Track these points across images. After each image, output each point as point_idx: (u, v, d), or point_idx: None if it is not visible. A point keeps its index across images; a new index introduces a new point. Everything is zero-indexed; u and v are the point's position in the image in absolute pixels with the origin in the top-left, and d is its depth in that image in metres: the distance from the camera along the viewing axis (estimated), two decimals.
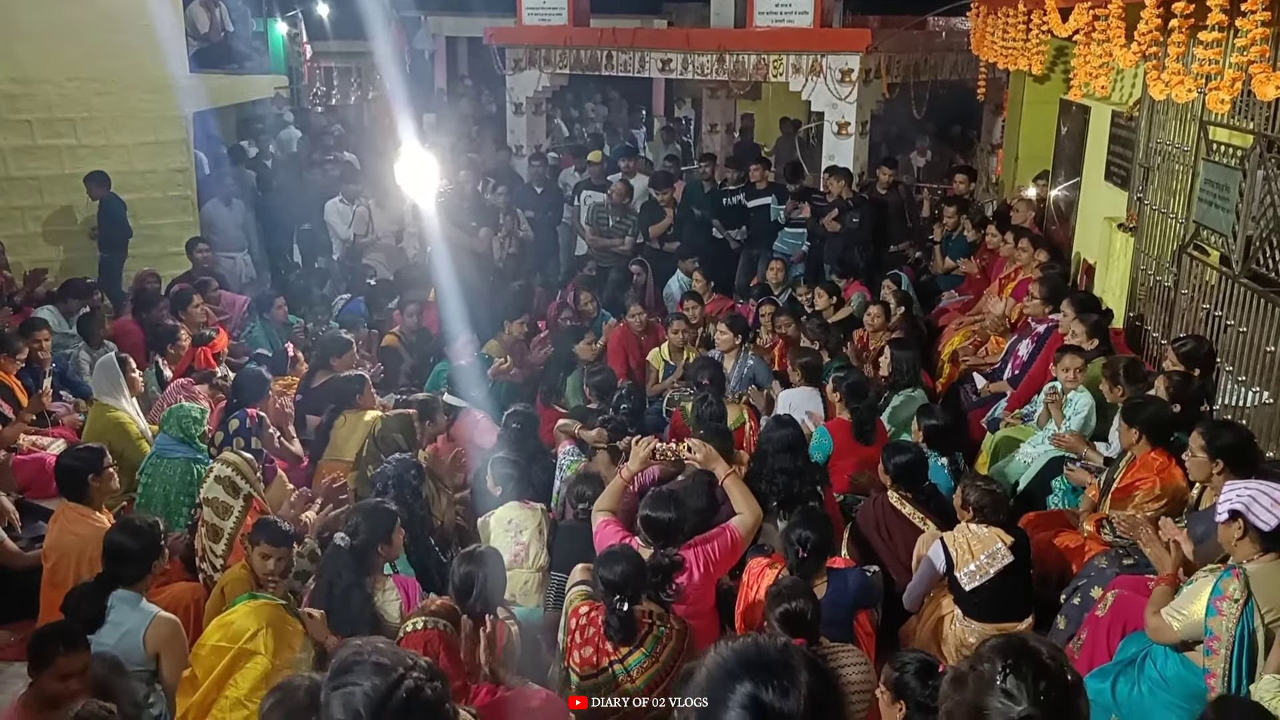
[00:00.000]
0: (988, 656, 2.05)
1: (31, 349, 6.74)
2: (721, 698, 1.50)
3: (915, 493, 4.94)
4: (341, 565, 4.06)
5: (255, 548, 4.14)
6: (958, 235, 9.34)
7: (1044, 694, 1.93)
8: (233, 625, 3.68)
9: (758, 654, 1.54)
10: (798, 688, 1.48)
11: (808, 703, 1.47)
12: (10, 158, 8.91)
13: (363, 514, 4.21)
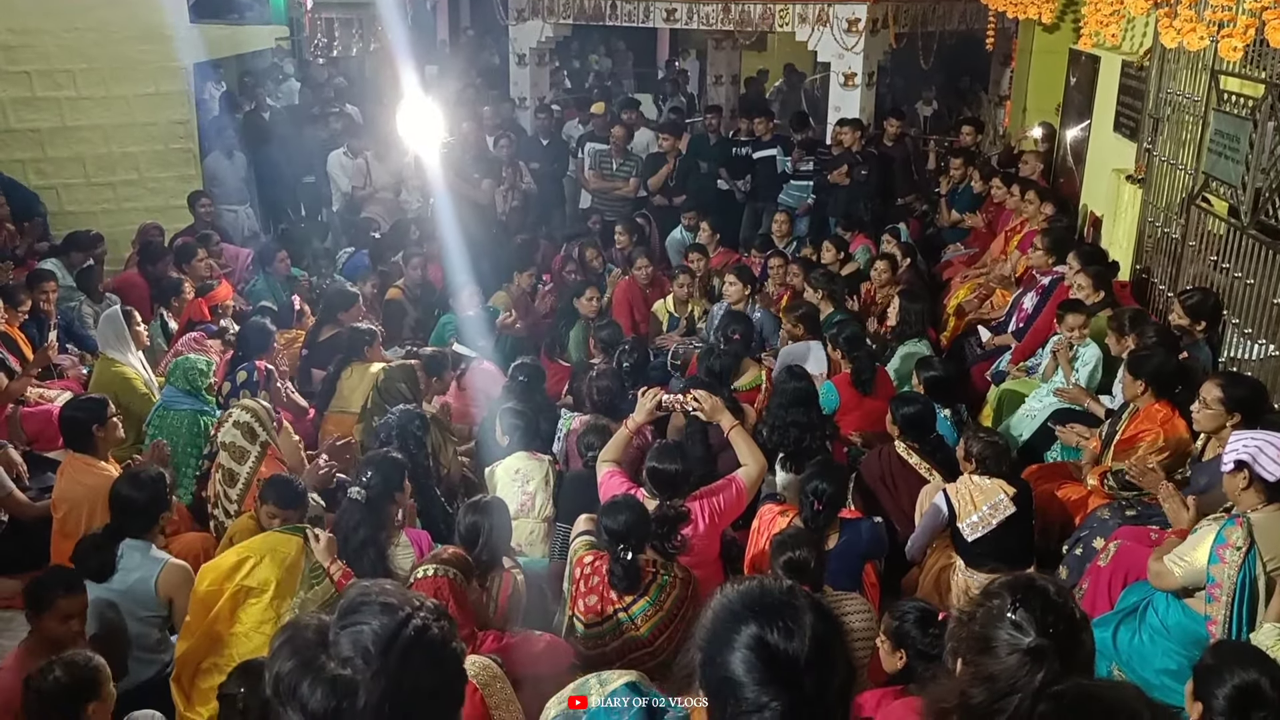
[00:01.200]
0: (997, 592, 2.07)
1: (37, 301, 6.73)
2: (726, 639, 1.51)
3: (922, 444, 4.95)
4: (358, 520, 4.07)
5: (263, 505, 4.17)
6: (964, 187, 9.28)
7: (1051, 627, 1.96)
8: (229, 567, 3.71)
9: (763, 595, 1.54)
10: (803, 629, 1.49)
11: (812, 644, 1.48)
12: (10, 110, 8.83)
13: (374, 465, 4.22)
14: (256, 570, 3.69)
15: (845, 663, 1.53)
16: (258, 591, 3.65)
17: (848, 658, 1.54)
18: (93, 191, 9.31)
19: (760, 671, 1.47)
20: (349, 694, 1.30)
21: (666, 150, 10.02)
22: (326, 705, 1.29)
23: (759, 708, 1.46)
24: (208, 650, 3.66)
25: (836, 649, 1.52)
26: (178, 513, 4.82)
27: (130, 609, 3.88)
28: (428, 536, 4.40)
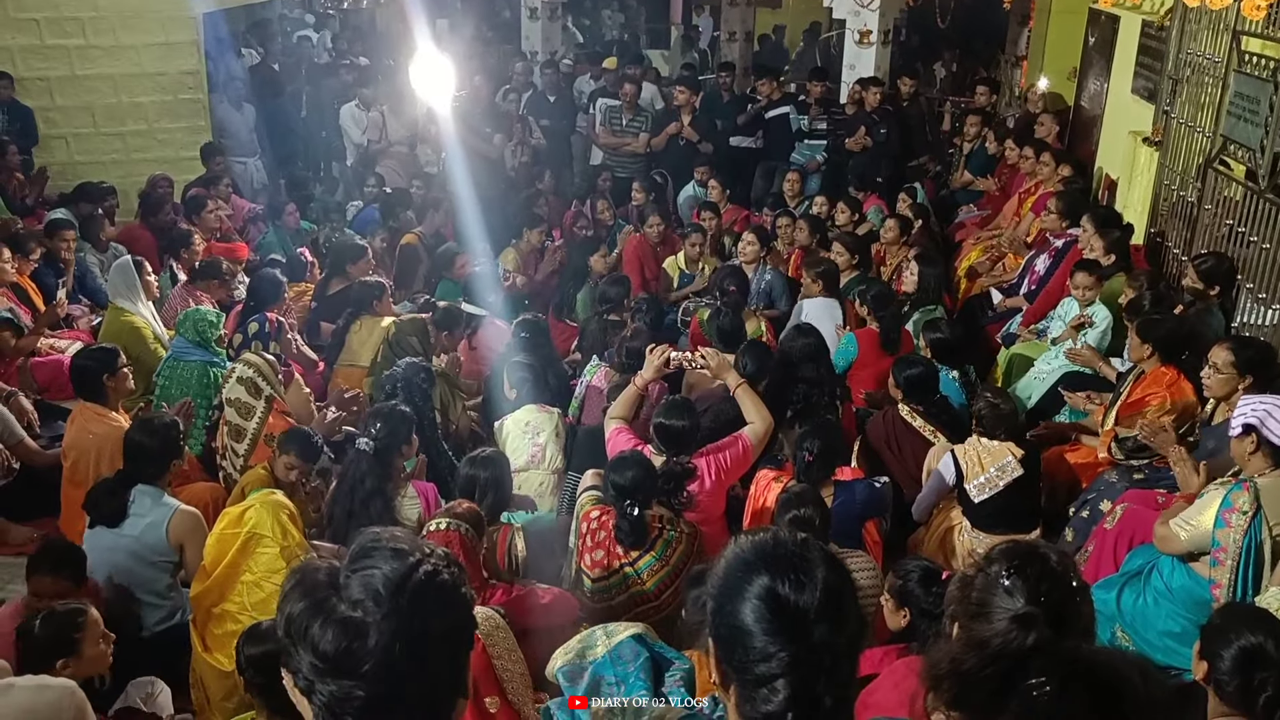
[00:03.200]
0: (995, 558, 2.08)
1: (57, 249, 6.73)
2: (738, 588, 1.51)
3: (926, 406, 4.95)
4: (365, 470, 4.09)
5: (282, 455, 4.19)
6: (978, 148, 9.20)
7: (1045, 595, 1.97)
8: (238, 514, 3.75)
9: (775, 547, 1.55)
10: (814, 582, 1.49)
11: (824, 597, 1.48)
12: (19, 58, 8.78)
13: (382, 417, 4.24)
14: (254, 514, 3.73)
15: (856, 617, 1.54)
16: (269, 541, 3.68)
17: (859, 612, 1.55)
18: (102, 142, 9.26)
19: (769, 622, 1.47)
20: (359, 635, 1.30)
21: (682, 105, 9.91)
22: (337, 645, 1.30)
23: (766, 657, 1.47)
24: (219, 595, 3.71)
25: (848, 603, 1.52)
26: (188, 462, 4.85)
27: (142, 554, 3.92)
28: (434, 489, 4.42)
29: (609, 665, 2.63)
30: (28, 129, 8.72)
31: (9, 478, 5.00)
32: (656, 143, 9.90)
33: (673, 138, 9.87)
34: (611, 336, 5.82)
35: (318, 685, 1.32)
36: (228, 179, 8.72)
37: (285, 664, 1.37)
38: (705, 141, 9.78)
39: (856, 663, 1.56)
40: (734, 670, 1.52)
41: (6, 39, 8.68)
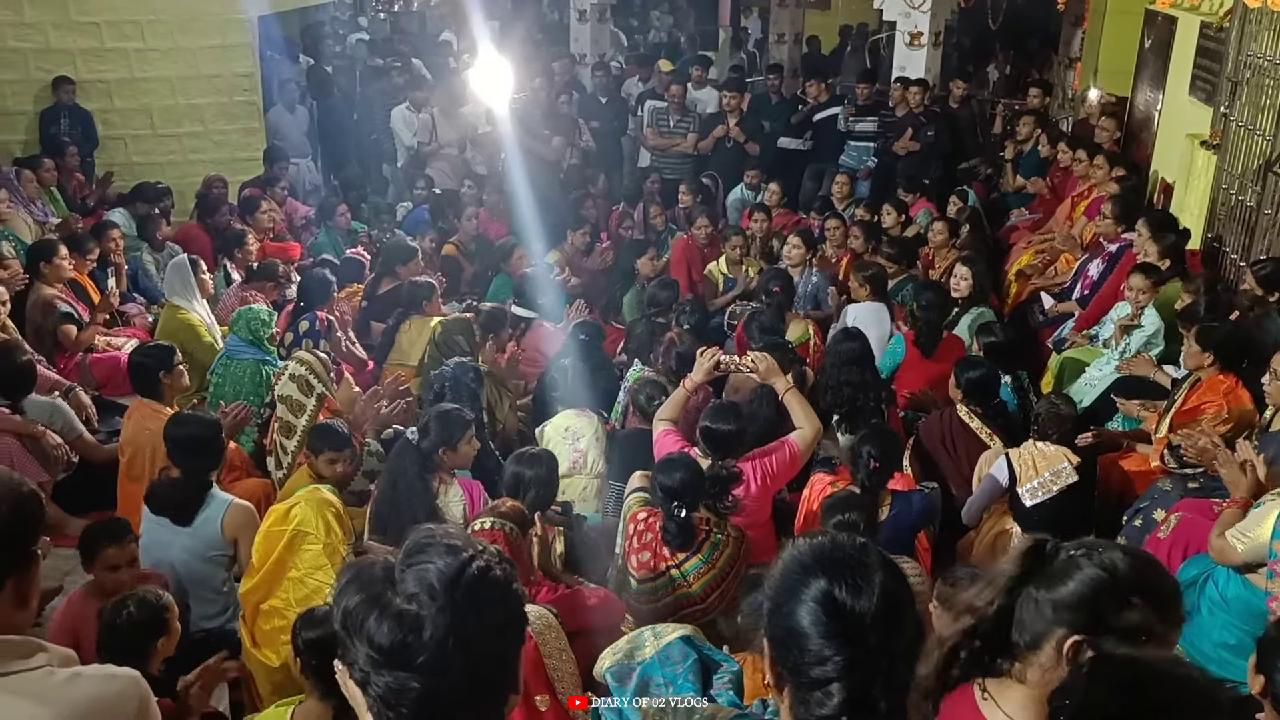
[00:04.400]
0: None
1: (106, 249, 6.88)
2: (795, 591, 1.52)
3: (985, 408, 4.90)
4: (408, 460, 4.13)
5: (319, 456, 4.21)
6: (1030, 150, 9.09)
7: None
8: (284, 511, 3.80)
9: (834, 551, 1.55)
10: (871, 587, 1.49)
11: (881, 602, 1.48)
12: (80, 60, 8.97)
13: (436, 416, 4.25)
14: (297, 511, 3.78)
15: (914, 623, 1.54)
16: (313, 538, 3.73)
17: (916, 618, 1.55)
18: (159, 143, 9.43)
19: (825, 625, 1.48)
20: (415, 629, 1.33)
21: (730, 108, 9.90)
22: (393, 638, 1.32)
23: (822, 660, 1.48)
24: (266, 591, 3.75)
25: (906, 608, 1.52)
26: (240, 459, 4.93)
27: (198, 549, 3.97)
28: (480, 486, 4.44)
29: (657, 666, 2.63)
30: (89, 132, 8.92)
31: (68, 471, 5.11)
32: (704, 145, 9.89)
33: (720, 140, 9.87)
34: (657, 341, 5.82)
35: (373, 677, 1.34)
36: (284, 181, 8.86)
37: (341, 656, 1.40)
38: (752, 143, 9.76)
39: (914, 668, 1.56)
40: (789, 672, 1.53)
41: (68, 42, 8.88)
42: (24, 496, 1.64)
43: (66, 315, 5.99)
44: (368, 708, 1.37)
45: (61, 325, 5.95)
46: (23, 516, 1.62)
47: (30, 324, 5.99)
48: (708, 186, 9.40)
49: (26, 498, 1.65)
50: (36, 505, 1.67)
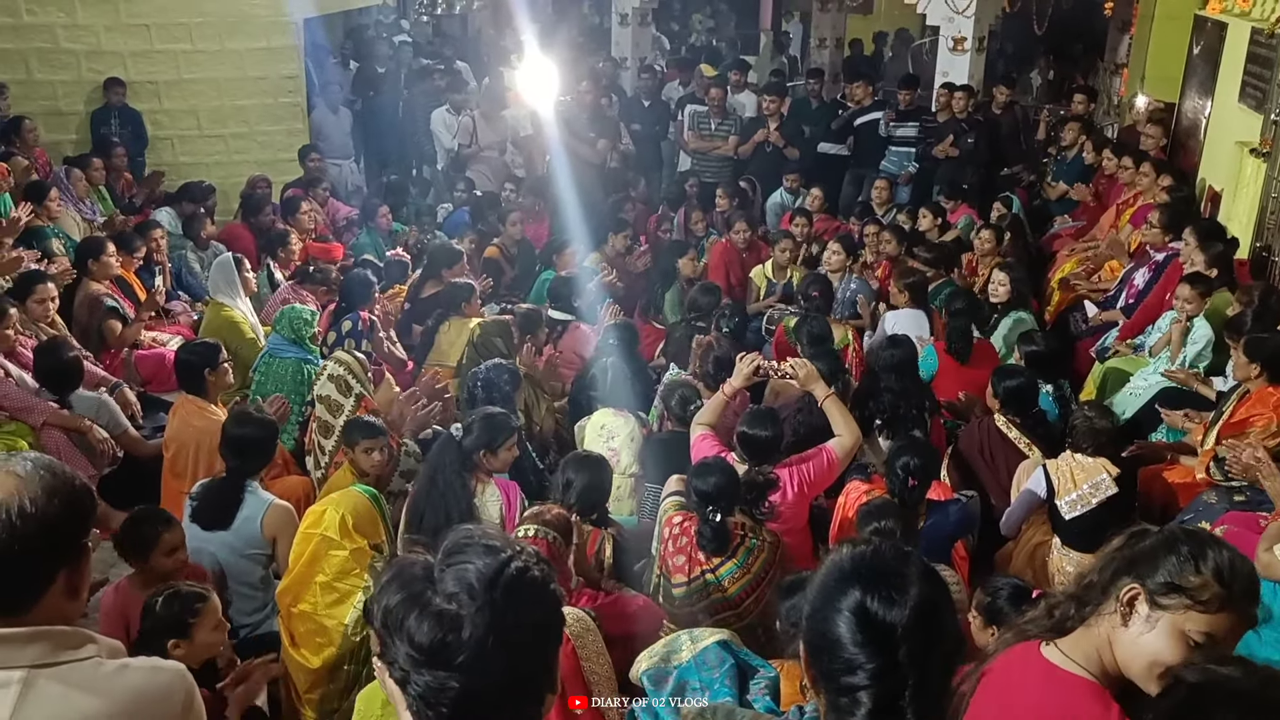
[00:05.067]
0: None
1: (149, 249, 6.99)
2: (831, 599, 1.54)
3: (1023, 418, 4.85)
4: (448, 457, 4.15)
5: (355, 447, 4.25)
6: (1075, 157, 9.00)
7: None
8: (319, 513, 3.84)
9: (872, 560, 1.57)
10: (905, 599, 1.50)
11: (915, 614, 1.49)
12: (130, 62, 9.11)
13: (482, 417, 4.25)
14: (327, 515, 3.81)
15: (951, 634, 1.54)
16: (337, 543, 3.75)
17: (956, 630, 1.55)
18: (205, 143, 9.55)
19: (858, 634, 1.50)
20: (454, 628, 1.34)
21: (770, 112, 9.89)
22: (433, 637, 1.34)
23: (852, 668, 1.49)
24: (296, 594, 3.78)
25: (944, 620, 1.53)
26: (281, 457, 4.98)
27: (237, 546, 4.02)
28: (516, 487, 4.46)
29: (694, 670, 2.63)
30: (139, 132, 9.06)
31: (113, 466, 5.19)
32: (744, 150, 9.88)
33: (760, 144, 9.85)
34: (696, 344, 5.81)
35: (413, 676, 1.36)
36: (326, 182, 8.94)
37: (381, 655, 1.41)
38: (791, 147, 9.73)
39: (950, 680, 1.56)
40: (821, 677, 1.56)
41: (118, 44, 9.01)
42: (76, 490, 1.67)
43: (112, 310, 6.09)
44: (407, 706, 1.38)
45: (107, 321, 6.05)
46: (75, 510, 1.64)
47: (77, 320, 6.09)
48: (745, 190, 9.38)
49: (79, 492, 1.67)
50: (88, 499, 1.70)
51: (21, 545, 1.56)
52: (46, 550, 1.60)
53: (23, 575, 1.59)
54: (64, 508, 1.60)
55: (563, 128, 9.31)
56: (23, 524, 1.56)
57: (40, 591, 1.61)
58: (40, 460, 1.66)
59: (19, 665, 1.57)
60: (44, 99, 8.88)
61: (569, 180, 8.43)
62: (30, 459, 1.66)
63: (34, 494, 1.58)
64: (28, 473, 1.61)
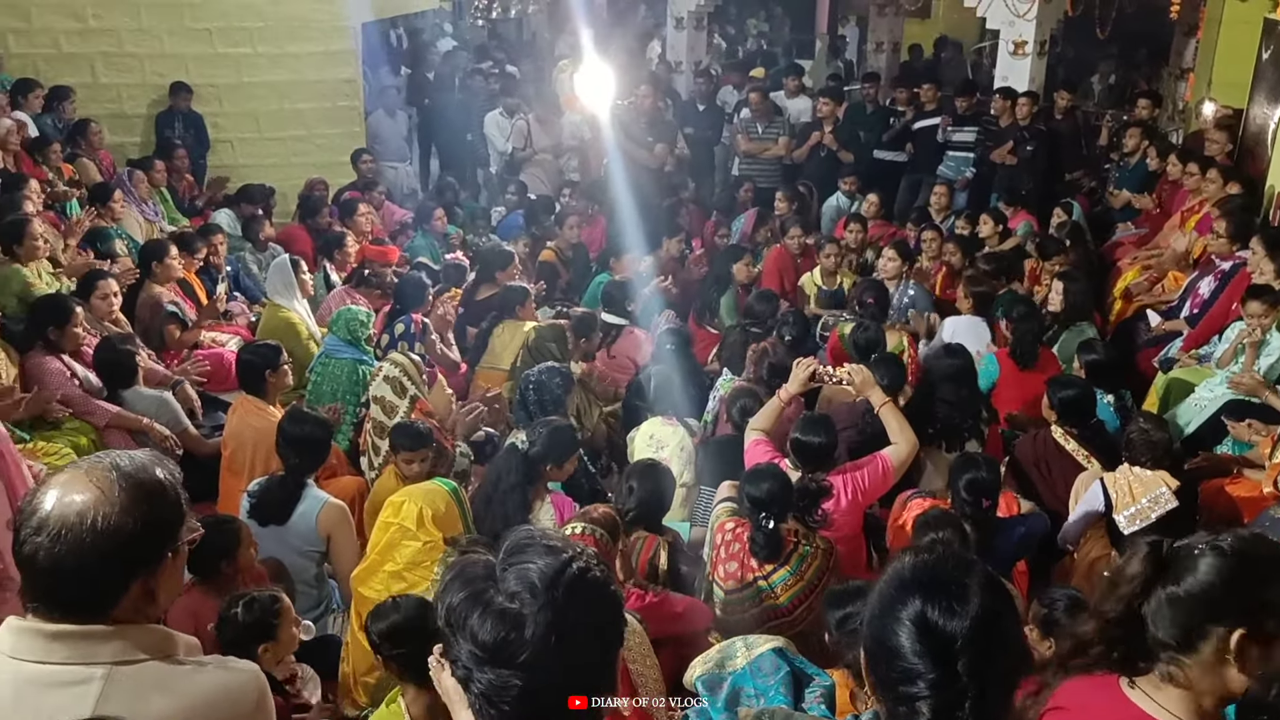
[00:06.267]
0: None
1: (209, 246, 7.11)
2: (892, 608, 1.53)
3: (1080, 429, 4.76)
4: (512, 465, 4.16)
5: (398, 455, 4.30)
6: (1137, 162, 8.83)
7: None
8: (399, 504, 3.88)
9: (934, 570, 1.55)
10: (966, 610, 1.48)
11: (976, 625, 1.47)
12: (192, 66, 9.27)
13: (549, 430, 4.27)
14: (406, 507, 3.85)
15: (1015, 646, 1.52)
16: (411, 534, 3.80)
17: (1020, 643, 1.53)
18: (264, 146, 9.71)
19: (917, 644, 1.49)
20: (517, 626, 1.35)
21: (825, 116, 9.83)
22: (496, 636, 1.35)
23: (911, 678, 1.48)
24: (368, 578, 3.84)
25: (1006, 631, 1.51)
26: (335, 457, 5.03)
27: (292, 543, 4.08)
28: (571, 504, 4.45)
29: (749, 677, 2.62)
30: (201, 135, 9.23)
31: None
32: (799, 154, 9.83)
33: (814, 148, 9.79)
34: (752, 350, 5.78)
35: (476, 674, 1.37)
36: (382, 185, 9.03)
37: (445, 653, 1.43)
38: (845, 151, 9.66)
39: (1013, 692, 1.53)
40: (880, 685, 1.55)
41: (181, 48, 9.19)
42: (159, 502, 1.68)
43: (171, 315, 6.18)
44: (469, 705, 1.39)
45: (166, 325, 6.15)
46: (153, 523, 1.66)
47: (139, 320, 6.20)
48: (803, 195, 9.32)
49: (163, 503, 1.69)
50: (171, 511, 1.71)
51: (96, 556, 1.59)
52: (122, 561, 1.62)
53: (98, 583, 1.62)
54: (141, 521, 1.62)
55: (619, 131, 9.32)
56: (95, 539, 1.58)
57: (117, 598, 1.64)
58: (127, 469, 1.66)
59: (101, 662, 1.60)
60: (109, 102, 9.08)
61: (625, 184, 8.43)
62: (120, 466, 1.66)
63: (111, 509, 1.60)
64: (109, 485, 1.62)
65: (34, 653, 1.59)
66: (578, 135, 10.24)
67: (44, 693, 1.57)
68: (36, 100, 8.15)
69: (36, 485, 1.68)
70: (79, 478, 1.63)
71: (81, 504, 1.59)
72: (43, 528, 1.58)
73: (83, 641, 1.60)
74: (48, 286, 5.81)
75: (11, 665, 1.59)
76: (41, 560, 1.58)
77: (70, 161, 7.77)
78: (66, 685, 1.58)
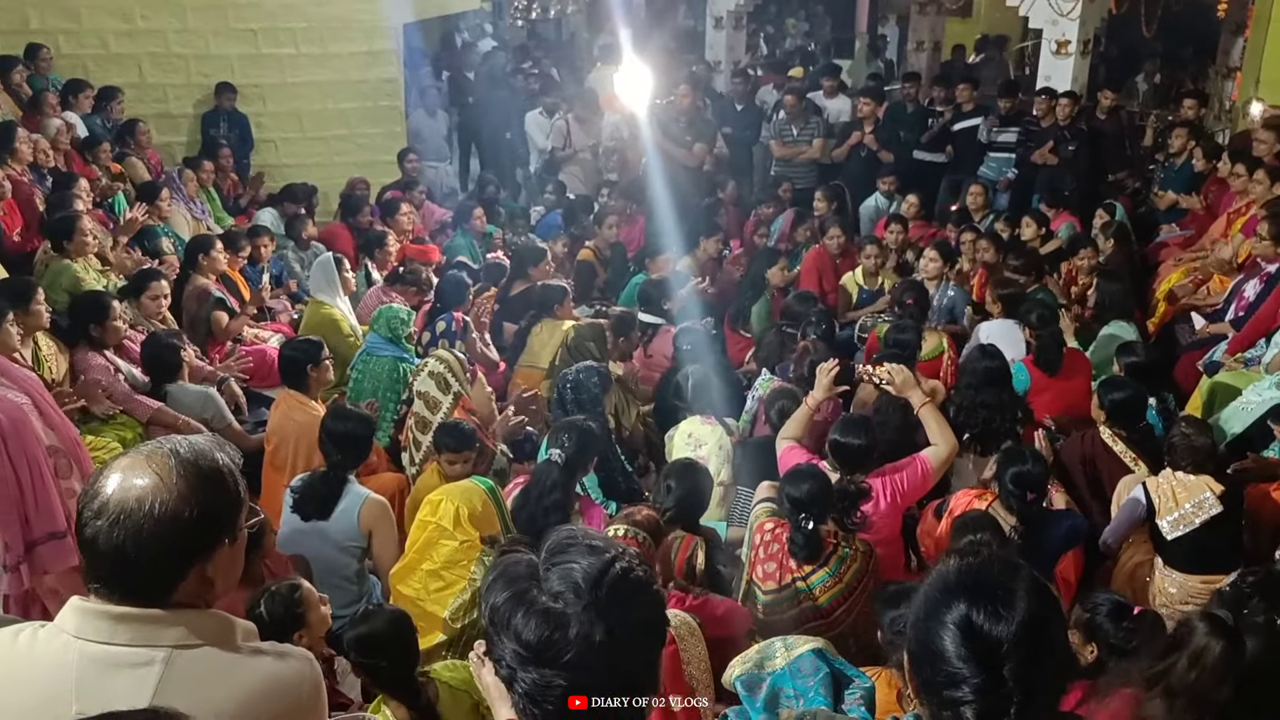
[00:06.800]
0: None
1: (256, 249, 7.22)
2: (936, 612, 1.52)
3: (1129, 431, 4.71)
4: (554, 481, 4.00)
5: (441, 454, 4.33)
6: (1183, 163, 8.71)
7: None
8: (437, 503, 3.92)
9: (979, 573, 1.54)
10: (1013, 614, 1.47)
11: (1020, 630, 1.46)
12: (237, 66, 9.38)
13: (575, 433, 4.19)
14: (443, 506, 3.89)
15: (1060, 651, 1.51)
16: (449, 533, 3.83)
17: (1065, 646, 1.52)
18: (307, 145, 9.81)
19: (961, 648, 1.48)
20: (561, 626, 1.36)
21: (865, 116, 9.78)
22: (539, 635, 1.36)
23: (955, 682, 1.47)
24: (406, 576, 3.88)
25: (1052, 636, 1.50)
26: (376, 453, 5.08)
27: (334, 538, 4.12)
28: (602, 512, 4.46)
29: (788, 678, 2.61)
30: (245, 135, 9.34)
31: None
32: (838, 154, 9.78)
33: (854, 149, 9.74)
34: (788, 351, 5.78)
35: (519, 674, 1.38)
36: (423, 184, 9.10)
37: (489, 652, 1.44)
38: (885, 151, 9.61)
39: (1059, 698, 1.52)
40: (924, 688, 1.54)
41: (226, 48, 9.31)
42: (218, 490, 1.69)
43: (219, 302, 6.28)
44: (513, 704, 1.40)
45: (214, 311, 6.24)
46: (211, 511, 1.67)
47: (186, 313, 6.30)
48: (843, 194, 9.28)
49: (221, 491, 1.70)
50: (229, 499, 1.72)
51: (154, 542, 1.61)
52: (179, 547, 1.64)
53: (156, 568, 1.64)
54: (198, 509, 1.64)
55: (657, 131, 9.33)
56: (153, 525, 1.60)
57: (174, 583, 1.66)
58: (186, 456, 1.68)
59: (163, 645, 1.63)
60: (155, 102, 9.21)
61: (663, 183, 8.44)
62: (180, 453, 1.68)
63: (169, 496, 1.62)
64: (168, 471, 1.64)
65: (99, 633, 1.62)
66: (617, 135, 10.25)
67: (107, 673, 1.60)
68: (86, 100, 8.30)
69: (100, 468, 1.71)
70: (140, 463, 1.65)
71: (140, 490, 1.62)
72: (103, 511, 1.61)
73: (146, 624, 1.63)
74: (96, 283, 5.91)
75: (77, 645, 1.62)
76: (102, 544, 1.61)
77: (119, 161, 7.90)
78: (130, 667, 1.61)
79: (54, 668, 1.62)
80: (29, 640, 1.66)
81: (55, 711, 1.59)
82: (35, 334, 4.98)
